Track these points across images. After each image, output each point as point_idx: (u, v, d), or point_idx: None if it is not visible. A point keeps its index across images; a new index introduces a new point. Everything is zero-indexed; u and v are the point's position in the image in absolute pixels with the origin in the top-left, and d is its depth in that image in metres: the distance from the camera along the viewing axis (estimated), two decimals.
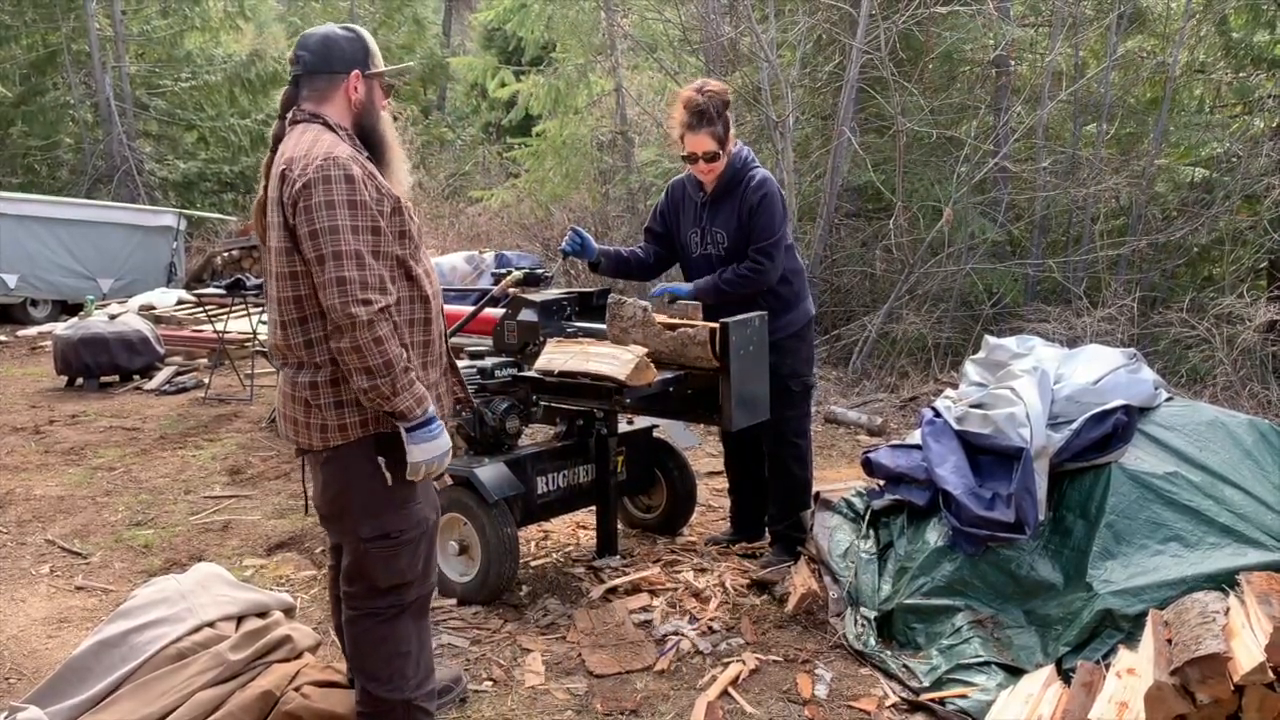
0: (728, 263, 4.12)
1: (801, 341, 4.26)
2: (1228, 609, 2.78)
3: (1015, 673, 3.20)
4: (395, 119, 16.04)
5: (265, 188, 2.67)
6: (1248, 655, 2.52)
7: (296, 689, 2.81)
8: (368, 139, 2.75)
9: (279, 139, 2.69)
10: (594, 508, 4.37)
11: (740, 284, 4.03)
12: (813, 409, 7.39)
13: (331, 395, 2.57)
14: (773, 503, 4.38)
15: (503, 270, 4.47)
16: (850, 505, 4.15)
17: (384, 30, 22.99)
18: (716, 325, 3.61)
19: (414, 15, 23.78)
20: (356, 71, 2.70)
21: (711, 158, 4.04)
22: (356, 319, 2.42)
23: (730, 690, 3.29)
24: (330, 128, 2.65)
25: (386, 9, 23.21)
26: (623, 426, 4.41)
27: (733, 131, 4.14)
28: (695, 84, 4.13)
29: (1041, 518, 3.44)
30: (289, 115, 2.70)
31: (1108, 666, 2.96)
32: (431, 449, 2.58)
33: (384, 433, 2.60)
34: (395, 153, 2.81)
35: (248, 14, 20.76)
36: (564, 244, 4.27)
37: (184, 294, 12.57)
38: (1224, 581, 3.04)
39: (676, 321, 3.74)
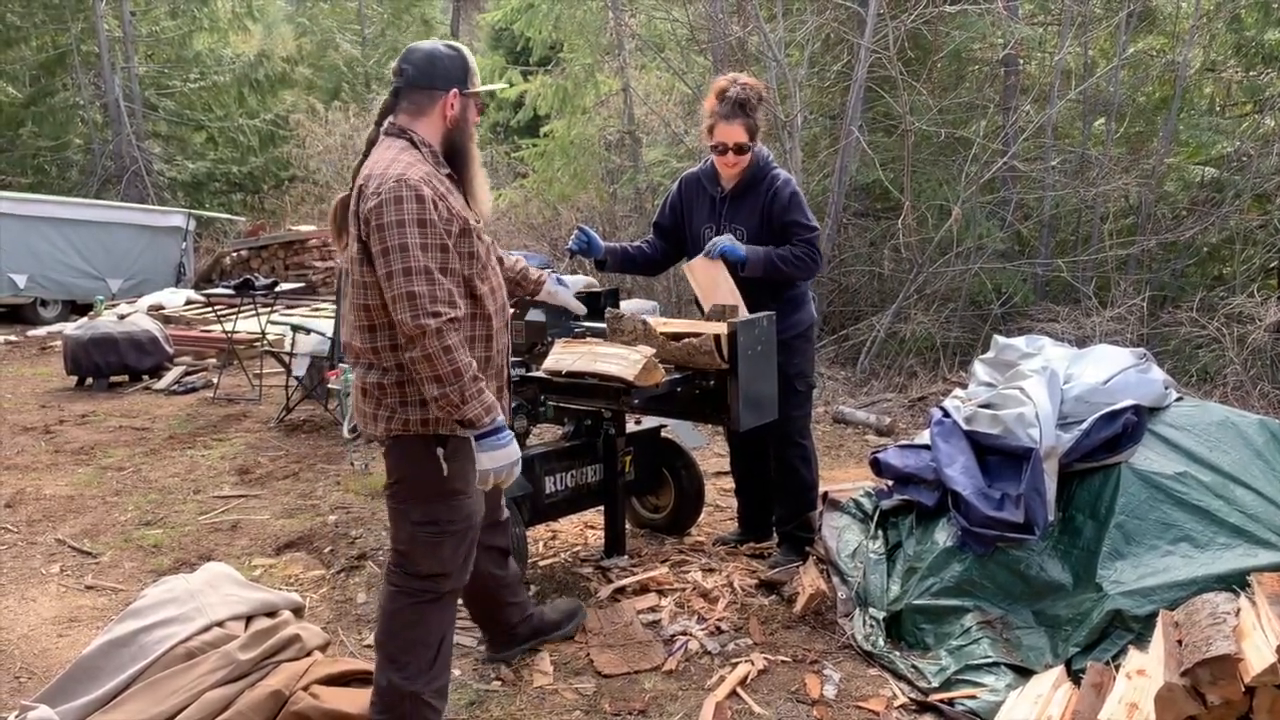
0: None
1: (807, 342, 4.26)
2: (1238, 610, 2.77)
3: (1024, 673, 3.19)
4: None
5: (351, 191, 2.75)
6: (1259, 656, 2.51)
7: (305, 688, 2.82)
8: (454, 157, 2.85)
9: (372, 144, 2.82)
10: (602, 508, 4.37)
11: (794, 265, 4.01)
12: (819, 409, 7.43)
13: (397, 395, 2.70)
14: (780, 504, 4.38)
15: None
16: (859, 505, 4.14)
17: (392, 30, 23.03)
18: (720, 331, 3.60)
19: (422, 15, 23.78)
20: (455, 90, 2.81)
21: (741, 150, 4.03)
22: (426, 330, 2.52)
23: (739, 690, 3.29)
24: (415, 145, 2.75)
25: (394, 9, 23.22)
26: (630, 426, 4.41)
27: (762, 129, 4.14)
28: (729, 76, 4.13)
29: (1051, 518, 3.43)
30: (384, 124, 2.83)
31: (1117, 667, 2.95)
32: (500, 457, 2.69)
33: (440, 434, 2.71)
34: (478, 171, 2.92)
35: (256, 15, 20.81)
36: (570, 243, 4.27)
37: (193, 294, 12.62)
38: (1235, 582, 3.03)
39: (681, 330, 3.73)
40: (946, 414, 3.91)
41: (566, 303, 3.70)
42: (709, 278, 4.03)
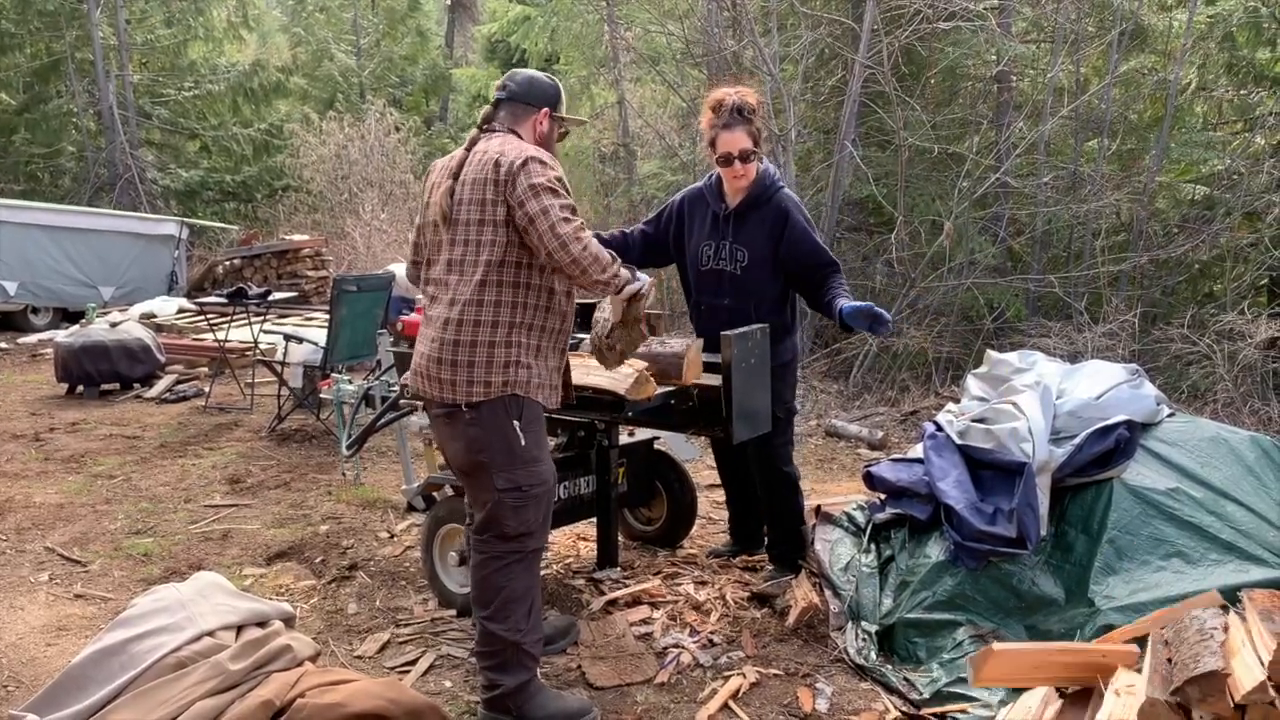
0: (743, 281, 4.01)
1: (788, 370, 4.15)
2: (1226, 625, 2.77)
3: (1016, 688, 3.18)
4: (397, 130, 15.98)
5: (455, 177, 3.10)
6: (1248, 674, 2.51)
7: (300, 695, 2.80)
8: None
9: (474, 143, 3.16)
10: (594, 519, 4.35)
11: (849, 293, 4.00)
12: (811, 423, 7.44)
13: (484, 356, 3.00)
14: (771, 530, 4.33)
15: None
16: (851, 519, 4.14)
17: (387, 41, 23.09)
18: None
19: (417, 27, 23.85)
20: (547, 110, 3.24)
21: (747, 157, 3.92)
22: (568, 241, 2.90)
23: (730, 704, 3.28)
24: (521, 140, 3.15)
25: (390, 20, 23.28)
26: (623, 439, 4.41)
27: (763, 138, 4.07)
28: (723, 88, 4.02)
29: (1043, 533, 3.44)
30: (486, 127, 3.20)
31: (1107, 684, 2.95)
32: (639, 283, 3.10)
33: (518, 396, 3.03)
34: None
35: (251, 24, 20.89)
36: None
37: (185, 302, 12.59)
38: (1227, 598, 3.03)
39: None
40: (939, 428, 3.92)
41: None
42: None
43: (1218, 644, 2.63)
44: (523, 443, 3.05)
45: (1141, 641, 2.80)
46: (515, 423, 3.03)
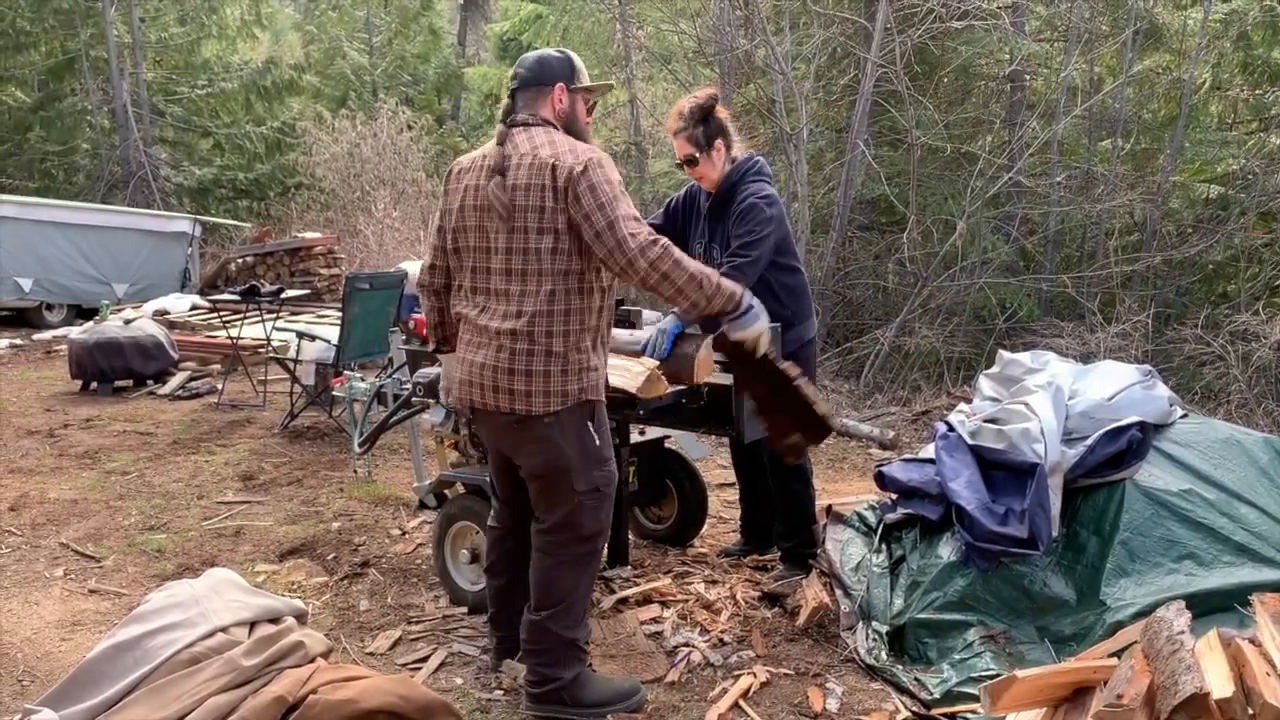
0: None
1: (797, 362, 4.14)
2: (1190, 623, 2.67)
3: None
4: (410, 128, 15.96)
5: (500, 173, 2.99)
6: (1219, 682, 2.41)
7: (312, 691, 2.81)
8: None
9: (503, 137, 3.05)
10: None
11: (745, 253, 3.85)
12: None
13: (559, 366, 2.98)
14: (780, 523, 4.34)
15: None
16: (862, 519, 4.14)
17: (399, 40, 23.12)
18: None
19: (429, 25, 23.88)
20: (561, 84, 3.11)
21: (689, 161, 4.03)
22: (653, 257, 2.87)
23: (741, 703, 3.28)
24: (556, 129, 3.06)
25: (402, 19, 23.32)
26: (634, 437, 4.41)
27: (726, 140, 4.04)
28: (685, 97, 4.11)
29: (1055, 534, 3.43)
30: (509, 121, 3.09)
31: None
32: (755, 329, 3.10)
33: (592, 400, 3.06)
34: None
35: (264, 22, 20.96)
36: None
37: (198, 299, 12.64)
38: (1239, 601, 3.02)
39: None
40: (951, 428, 3.91)
41: None
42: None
43: (1188, 651, 2.53)
44: (597, 443, 3.09)
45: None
46: (590, 424, 3.07)
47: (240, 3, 19.82)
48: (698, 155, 4.01)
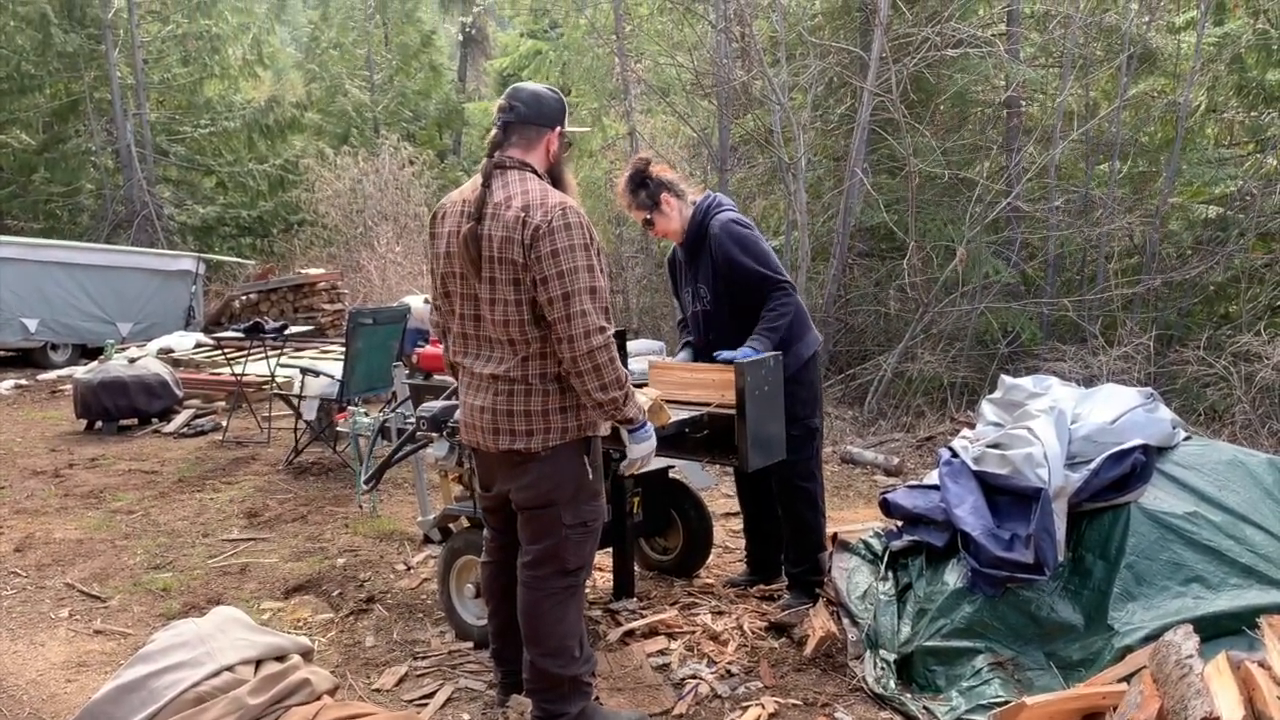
0: (714, 316, 4.20)
1: (799, 384, 4.11)
2: (1199, 646, 2.66)
3: None
4: (411, 164, 16.12)
5: (475, 220, 2.94)
6: (1229, 706, 2.40)
7: None
8: (556, 187, 3.08)
9: (488, 175, 2.99)
10: (610, 549, 4.35)
11: (782, 320, 4.06)
12: (826, 449, 7.42)
13: (557, 408, 2.99)
14: (787, 548, 4.34)
15: None
16: (868, 546, 4.13)
17: (401, 77, 23.34)
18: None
19: (430, 62, 24.12)
20: (558, 128, 3.08)
21: (648, 225, 4.25)
22: (594, 345, 2.85)
23: None
24: (540, 177, 3.02)
25: (403, 56, 23.55)
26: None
27: (674, 191, 4.19)
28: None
29: (1060, 558, 3.42)
30: (495, 156, 3.02)
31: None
32: (647, 446, 3.13)
33: (589, 436, 3.08)
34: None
35: (266, 61, 21.13)
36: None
37: (202, 337, 12.69)
38: (1247, 624, 3.01)
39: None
40: (955, 454, 3.91)
41: None
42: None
43: (1198, 675, 2.53)
44: (590, 477, 3.09)
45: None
46: (585, 458, 3.08)
47: (242, 42, 20.01)
48: (650, 216, 4.21)
